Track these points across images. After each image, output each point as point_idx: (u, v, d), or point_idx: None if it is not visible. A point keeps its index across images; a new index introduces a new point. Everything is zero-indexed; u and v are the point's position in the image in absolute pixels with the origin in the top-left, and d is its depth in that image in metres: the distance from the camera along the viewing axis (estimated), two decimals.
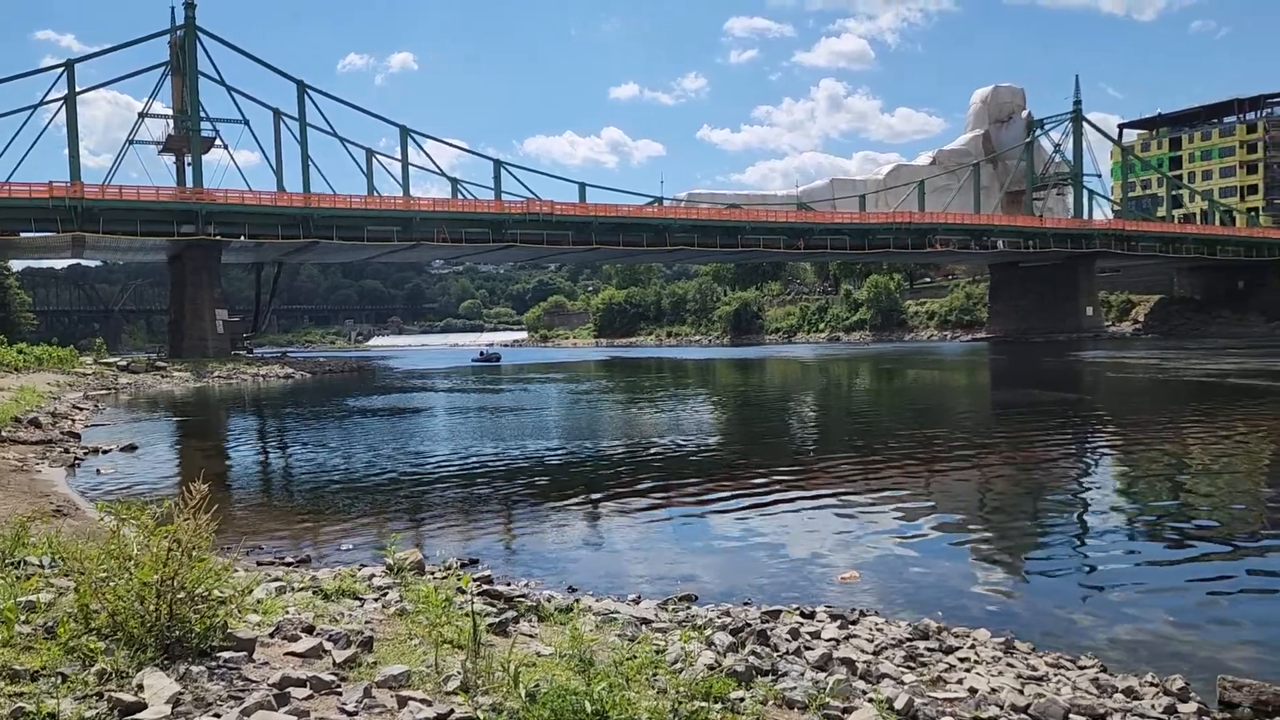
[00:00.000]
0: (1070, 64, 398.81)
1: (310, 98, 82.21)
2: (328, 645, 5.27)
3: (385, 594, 7.02)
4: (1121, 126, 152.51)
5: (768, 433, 25.88)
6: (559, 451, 21.39)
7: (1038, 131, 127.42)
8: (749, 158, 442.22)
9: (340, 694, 4.58)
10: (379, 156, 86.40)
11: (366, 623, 6.00)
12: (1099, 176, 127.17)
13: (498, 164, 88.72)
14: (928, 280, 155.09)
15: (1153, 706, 5.86)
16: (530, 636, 6.20)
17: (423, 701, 4.49)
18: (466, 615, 5.57)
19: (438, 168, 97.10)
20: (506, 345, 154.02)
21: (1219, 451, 19.16)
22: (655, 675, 5.16)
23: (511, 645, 5.44)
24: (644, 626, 6.71)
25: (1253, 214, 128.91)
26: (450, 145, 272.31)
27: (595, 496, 15.19)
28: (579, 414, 32.44)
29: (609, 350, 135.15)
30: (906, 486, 15.63)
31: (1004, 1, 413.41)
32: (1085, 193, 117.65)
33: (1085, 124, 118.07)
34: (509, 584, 8.70)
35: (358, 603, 6.69)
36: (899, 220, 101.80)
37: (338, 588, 7.05)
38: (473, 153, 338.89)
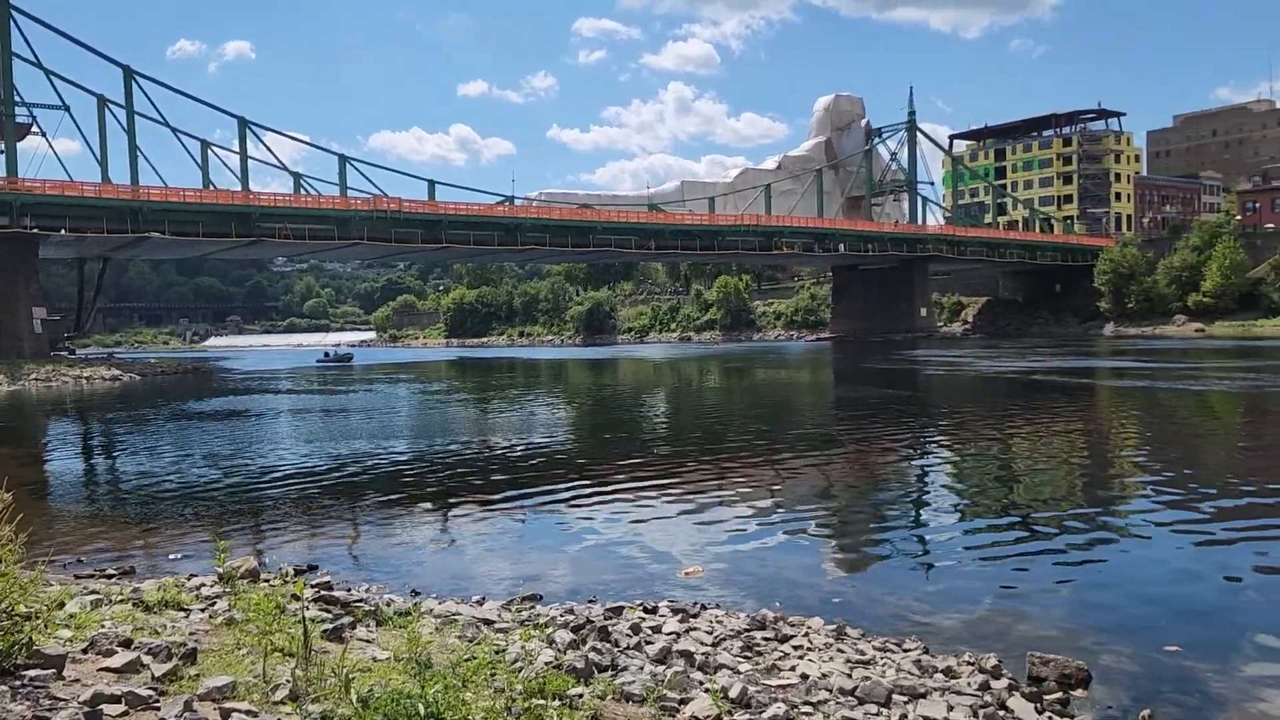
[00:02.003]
0: (904, 76, 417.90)
1: (138, 84, 77.74)
2: (146, 659, 5.01)
3: (213, 604, 6.74)
4: (952, 137, 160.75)
5: (618, 432, 26.08)
6: (408, 453, 20.99)
7: (876, 140, 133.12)
8: (599, 158, 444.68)
9: (159, 709, 4.37)
10: (215, 148, 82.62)
11: (191, 634, 5.73)
12: (932, 184, 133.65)
13: (343, 159, 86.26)
14: (776, 281, 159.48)
15: (969, 684, 6.22)
16: (367, 641, 6.07)
17: (248, 713, 4.33)
18: (299, 622, 5.41)
19: (279, 161, 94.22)
20: (354, 345, 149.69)
21: (1029, 442, 20.51)
22: (494, 675, 5.14)
23: (344, 651, 5.31)
24: (486, 627, 6.67)
25: (1068, 222, 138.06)
26: (291, 138, 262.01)
27: (444, 498, 14.99)
28: (429, 415, 31.90)
29: (460, 350, 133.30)
30: (752, 482, 16.05)
31: (841, 14, 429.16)
32: (919, 199, 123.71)
33: (919, 134, 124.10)
34: (349, 589, 8.49)
35: (183, 614, 6.40)
36: (747, 223, 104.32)
37: (161, 599, 6.71)
38: (316, 147, 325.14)
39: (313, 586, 7.62)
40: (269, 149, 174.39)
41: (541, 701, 4.70)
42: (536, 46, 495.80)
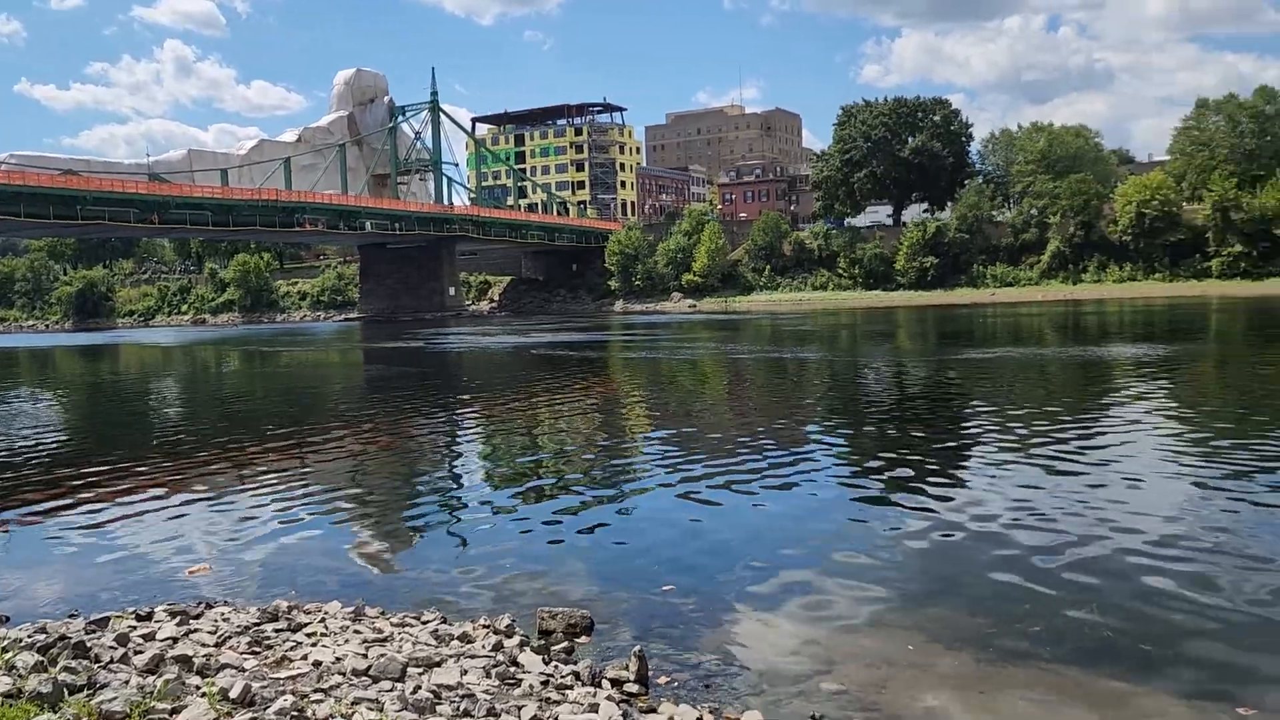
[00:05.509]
0: (423, 56, 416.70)
1: None
2: None
3: None
4: (474, 120, 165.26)
5: (118, 427, 23.38)
6: None
7: (400, 118, 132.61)
8: (84, 119, 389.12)
9: None
10: None
11: None
12: (456, 165, 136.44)
13: None
14: (300, 260, 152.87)
15: (483, 646, 6.41)
16: None
17: None
18: None
19: None
20: None
21: (548, 412, 21.82)
22: None
23: None
24: None
25: (582, 206, 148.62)
26: None
27: None
28: None
29: None
30: (272, 470, 15.17)
31: None
32: (445, 180, 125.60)
33: (442, 114, 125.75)
34: None
35: None
36: (265, 198, 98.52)
37: None
38: None
39: None
40: None
41: None
42: None
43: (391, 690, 5.37)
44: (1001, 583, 8.13)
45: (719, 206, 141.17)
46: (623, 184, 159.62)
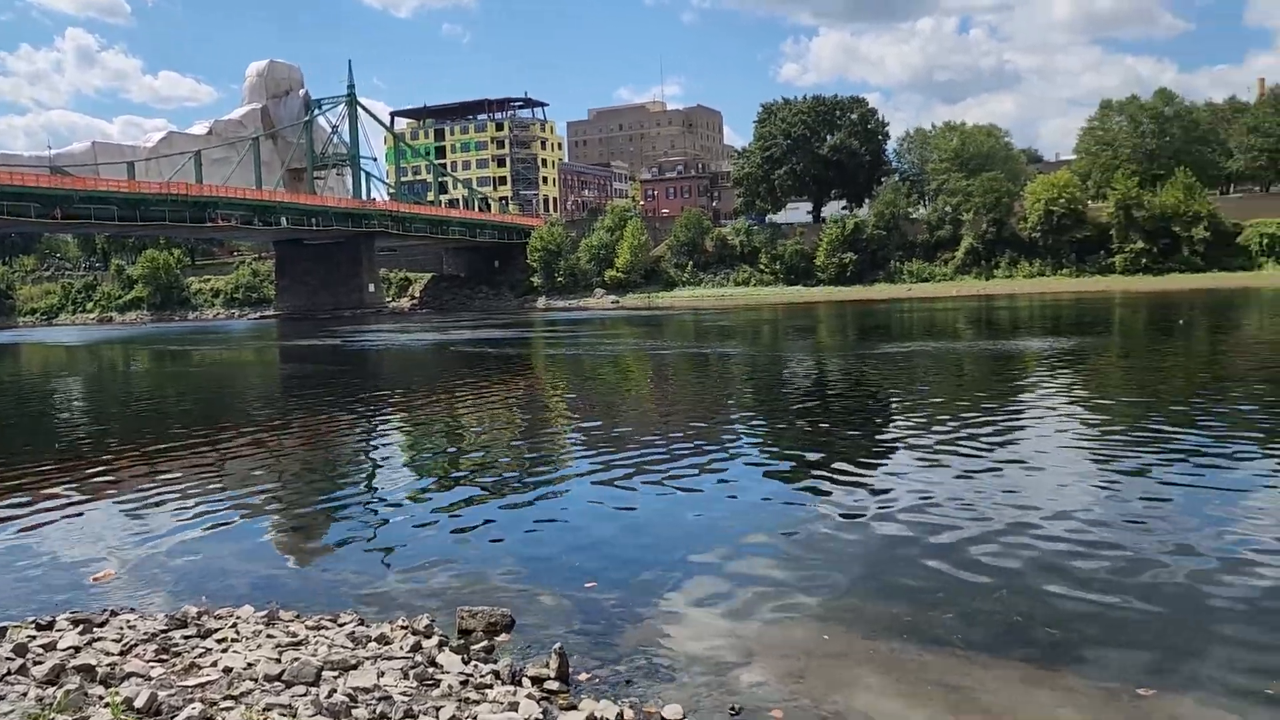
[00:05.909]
0: (338, 48, 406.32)
1: None
2: None
3: None
4: (393, 114, 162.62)
5: (18, 430, 22.46)
6: None
7: (316, 111, 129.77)
8: None
9: None
10: None
11: None
12: (375, 160, 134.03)
13: None
14: (212, 256, 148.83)
15: (401, 648, 6.32)
16: None
17: None
18: None
19: None
20: None
21: (472, 409, 21.64)
22: None
23: None
24: None
25: (504, 202, 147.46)
26: None
27: None
28: None
29: None
30: (184, 471, 14.73)
31: None
32: (363, 174, 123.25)
33: (360, 108, 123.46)
34: None
35: None
36: (176, 192, 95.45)
37: None
38: None
39: None
40: None
41: None
42: None
43: (305, 695, 5.27)
44: (914, 571, 8.32)
45: (641, 203, 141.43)
46: (545, 180, 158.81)
